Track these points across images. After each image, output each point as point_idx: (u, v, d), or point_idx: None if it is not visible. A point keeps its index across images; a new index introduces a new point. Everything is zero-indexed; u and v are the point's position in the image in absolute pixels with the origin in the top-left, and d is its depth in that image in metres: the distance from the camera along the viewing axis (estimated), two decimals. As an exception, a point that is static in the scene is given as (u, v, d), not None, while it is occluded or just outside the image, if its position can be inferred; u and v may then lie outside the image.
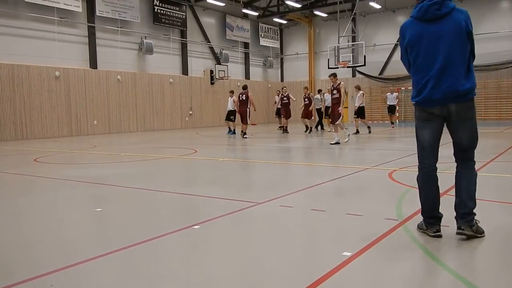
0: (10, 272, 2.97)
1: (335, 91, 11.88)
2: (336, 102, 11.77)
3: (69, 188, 6.21)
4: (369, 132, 16.05)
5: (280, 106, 18.58)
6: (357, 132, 15.95)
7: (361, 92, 16.78)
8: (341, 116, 11.77)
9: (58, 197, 5.59)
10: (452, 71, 3.26)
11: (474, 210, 3.37)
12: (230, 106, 17.16)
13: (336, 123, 11.75)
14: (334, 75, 12.25)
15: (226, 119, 17.59)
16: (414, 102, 3.48)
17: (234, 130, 17.10)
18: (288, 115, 17.86)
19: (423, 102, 3.37)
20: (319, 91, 20.10)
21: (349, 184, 6.05)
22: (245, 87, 16.25)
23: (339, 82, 11.98)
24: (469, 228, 3.33)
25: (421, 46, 3.34)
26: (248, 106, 15.63)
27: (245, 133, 15.26)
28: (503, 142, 11.57)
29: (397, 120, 22.44)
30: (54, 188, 6.26)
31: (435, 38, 3.29)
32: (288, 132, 16.90)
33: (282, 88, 18.80)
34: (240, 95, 15.87)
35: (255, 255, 3.23)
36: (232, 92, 17.78)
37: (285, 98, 18.06)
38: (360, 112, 16.61)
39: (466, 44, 3.29)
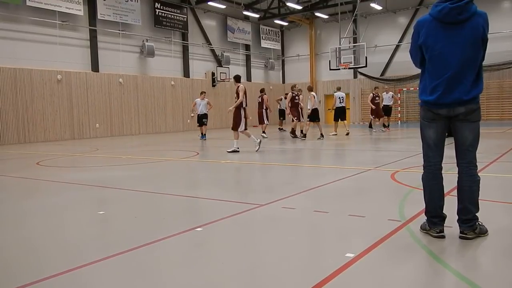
0: (13, 275, 2.98)
1: (235, 95, 11.04)
2: (236, 107, 10.86)
3: (71, 191, 6.22)
4: (320, 138, 14.70)
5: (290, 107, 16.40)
6: (322, 136, 14.80)
7: (312, 93, 15.48)
8: (242, 123, 10.83)
9: (60, 200, 5.60)
10: (463, 79, 3.23)
11: (477, 214, 3.37)
12: (204, 109, 16.17)
13: (238, 130, 10.86)
14: (234, 78, 11.29)
15: (199, 124, 16.21)
16: (420, 101, 3.46)
17: (204, 134, 16.25)
18: (298, 117, 16.04)
19: (431, 103, 3.35)
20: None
21: (352, 185, 6.04)
22: (262, 91, 17.00)
23: (238, 85, 11.07)
24: (472, 232, 3.35)
25: (435, 50, 3.26)
26: (264, 108, 16.07)
27: (263, 132, 15.96)
28: (506, 142, 11.54)
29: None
30: (57, 191, 6.27)
31: (451, 43, 3.22)
32: (296, 137, 15.26)
33: (294, 86, 16.50)
34: (258, 98, 16.98)
35: (258, 257, 3.23)
36: (203, 93, 16.82)
37: (297, 98, 15.98)
38: (313, 115, 15.31)
39: (480, 51, 3.24)
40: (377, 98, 18.00)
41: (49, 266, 3.11)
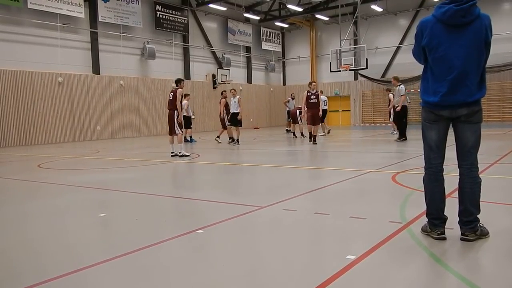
0: (16, 277, 2.99)
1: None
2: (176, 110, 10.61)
3: (72, 193, 6.23)
4: (233, 143, 13.99)
5: (305, 107, 13.56)
6: (232, 140, 14.05)
7: (238, 97, 14.36)
8: (182, 127, 10.54)
9: (62, 202, 5.61)
10: (466, 82, 3.23)
11: (478, 215, 3.37)
12: (190, 111, 15.45)
13: (177, 133, 10.48)
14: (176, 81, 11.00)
15: (186, 127, 14.79)
16: (422, 102, 3.46)
17: (191, 137, 16.05)
18: (316, 120, 13.41)
19: (433, 105, 3.35)
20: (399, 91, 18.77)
21: (353, 187, 6.04)
22: (222, 93, 15.73)
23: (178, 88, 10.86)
24: (473, 234, 3.35)
25: (438, 52, 3.26)
26: (223, 112, 14.88)
27: (218, 136, 14.99)
28: (507, 143, 11.54)
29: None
30: (58, 194, 6.27)
31: (455, 45, 3.21)
32: (316, 143, 13.21)
33: (311, 84, 13.66)
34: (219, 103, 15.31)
35: (259, 259, 3.23)
36: (188, 95, 15.71)
37: (313, 97, 13.29)
38: (233, 120, 14.23)
39: (483, 53, 3.24)
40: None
41: (52, 268, 3.12)
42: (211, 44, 25.14)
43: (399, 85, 13.56)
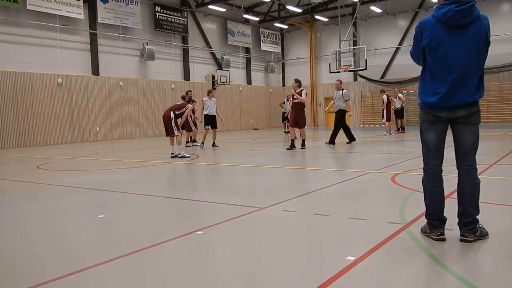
0: (16, 278, 2.98)
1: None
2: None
3: (72, 194, 6.23)
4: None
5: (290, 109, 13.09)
6: (196, 142, 14.13)
7: (214, 99, 14.15)
8: (175, 129, 10.43)
9: (61, 203, 5.61)
10: (466, 83, 3.23)
11: (477, 216, 3.37)
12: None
13: (176, 134, 10.44)
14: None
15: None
16: (420, 103, 3.46)
17: (194, 139, 15.45)
18: (302, 122, 12.44)
19: (431, 106, 3.35)
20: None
21: (352, 188, 6.05)
22: (187, 93, 15.28)
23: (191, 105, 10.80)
24: (472, 235, 3.35)
25: (439, 52, 3.25)
26: (191, 116, 14.13)
27: (195, 140, 14.64)
28: (506, 144, 11.55)
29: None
30: (57, 195, 6.27)
31: (455, 46, 3.21)
32: (304, 147, 12.32)
33: (294, 82, 12.66)
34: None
35: (258, 260, 3.23)
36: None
37: (295, 96, 12.29)
38: (212, 122, 13.80)
39: (482, 54, 3.25)
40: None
41: (50, 270, 3.12)
42: (210, 45, 25.15)
43: (343, 89, 13.61)
